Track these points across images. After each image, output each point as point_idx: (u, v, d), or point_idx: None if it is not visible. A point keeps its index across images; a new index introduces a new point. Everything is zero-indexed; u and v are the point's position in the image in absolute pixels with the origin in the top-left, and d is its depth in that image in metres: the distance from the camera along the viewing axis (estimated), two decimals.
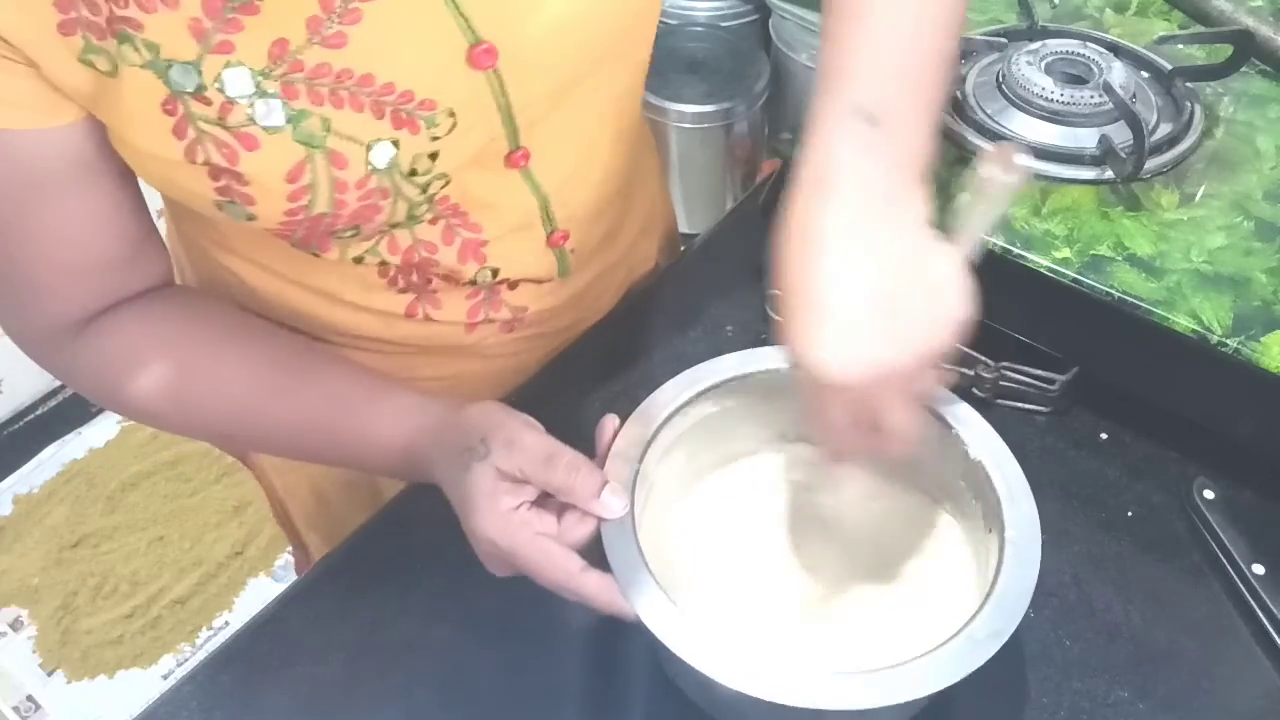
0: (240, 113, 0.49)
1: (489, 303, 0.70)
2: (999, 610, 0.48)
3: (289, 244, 0.61)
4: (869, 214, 0.47)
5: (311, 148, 0.52)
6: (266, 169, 0.52)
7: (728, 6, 1.99)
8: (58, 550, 1.78)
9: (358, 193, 0.55)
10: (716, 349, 0.60)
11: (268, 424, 0.62)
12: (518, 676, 0.60)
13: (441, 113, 0.54)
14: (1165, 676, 0.58)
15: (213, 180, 0.52)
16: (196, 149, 0.50)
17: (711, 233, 0.88)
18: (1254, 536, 0.62)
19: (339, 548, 0.69)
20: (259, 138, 0.50)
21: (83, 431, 1.98)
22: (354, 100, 0.52)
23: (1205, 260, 0.65)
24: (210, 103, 0.49)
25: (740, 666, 0.47)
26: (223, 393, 0.61)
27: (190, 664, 1.45)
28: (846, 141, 0.48)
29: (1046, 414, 0.71)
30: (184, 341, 0.62)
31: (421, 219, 0.61)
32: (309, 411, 0.61)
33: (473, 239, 0.64)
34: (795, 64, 1.88)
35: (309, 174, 0.53)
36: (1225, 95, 0.78)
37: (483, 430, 0.54)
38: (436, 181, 0.58)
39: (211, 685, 0.60)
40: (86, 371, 0.61)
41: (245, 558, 1.77)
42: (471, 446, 0.54)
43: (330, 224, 0.57)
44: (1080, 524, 0.65)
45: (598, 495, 0.52)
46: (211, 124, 0.50)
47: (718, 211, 1.79)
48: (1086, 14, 0.87)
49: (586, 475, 0.52)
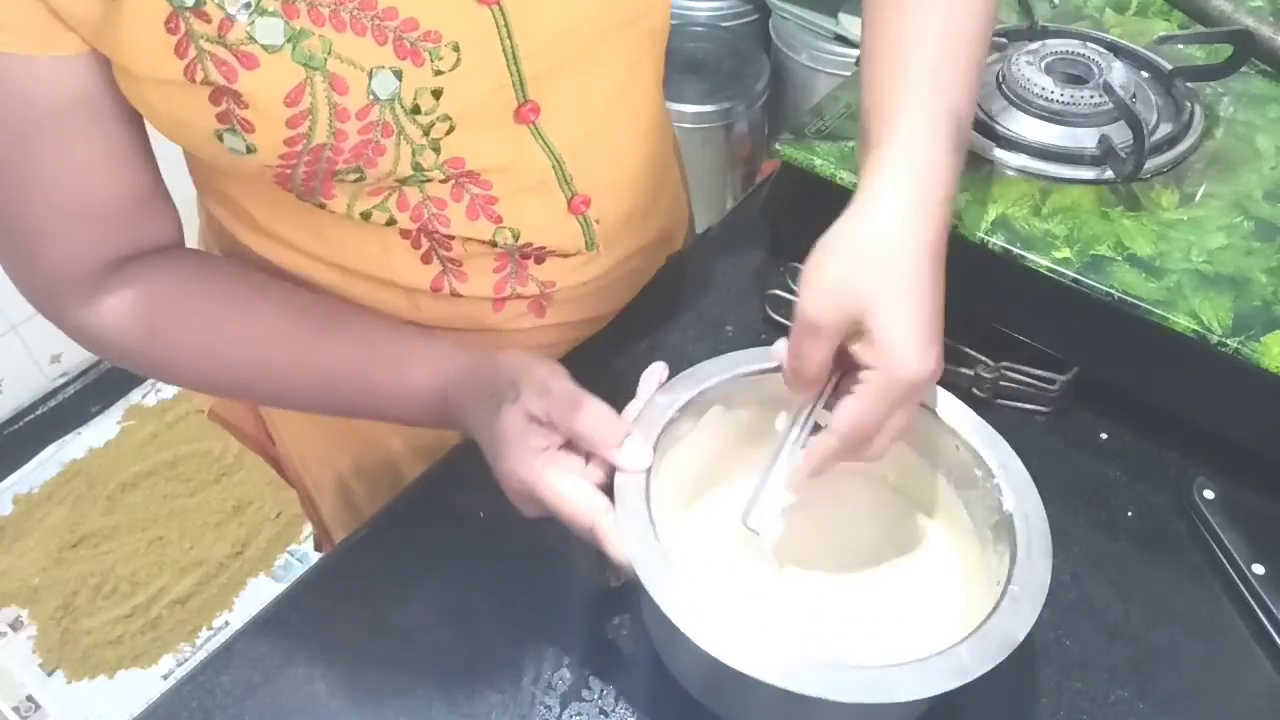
0: (240, 29, 0.49)
1: (515, 276, 0.70)
2: (1012, 615, 0.48)
3: (293, 194, 0.60)
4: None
5: (311, 69, 0.52)
6: (265, 89, 0.52)
7: (728, 6, 1.99)
8: (58, 550, 1.78)
9: (359, 123, 0.55)
10: (716, 349, 0.60)
11: (297, 374, 0.63)
12: (518, 675, 0.60)
13: (446, 46, 0.54)
14: (1165, 676, 0.58)
15: (213, 105, 0.52)
16: (196, 67, 0.50)
17: (711, 233, 0.88)
18: (1254, 536, 0.62)
19: (338, 548, 0.69)
20: (258, 56, 0.50)
21: (83, 431, 1.98)
22: (356, 23, 0.52)
23: (1205, 260, 0.65)
24: (210, 19, 0.49)
25: (750, 650, 0.46)
26: (254, 343, 0.62)
27: (190, 664, 1.45)
28: (943, 143, 0.55)
29: (1046, 414, 0.71)
30: (215, 293, 0.62)
31: (431, 177, 0.61)
32: (340, 359, 0.62)
33: (481, 194, 0.64)
34: (795, 64, 1.88)
35: (308, 97, 0.52)
36: (1225, 95, 0.78)
37: (514, 375, 0.56)
38: (440, 124, 0.57)
39: (211, 685, 0.60)
40: (105, 325, 0.61)
41: (245, 558, 1.77)
42: (502, 390, 0.56)
43: (331, 161, 0.56)
44: (1080, 524, 0.65)
45: (619, 445, 0.53)
46: (211, 41, 0.50)
47: (718, 211, 1.78)
48: (1086, 14, 0.87)
49: (610, 424, 0.54)
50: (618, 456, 0.53)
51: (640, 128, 0.70)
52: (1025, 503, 0.53)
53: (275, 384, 0.65)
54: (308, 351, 0.62)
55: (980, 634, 0.48)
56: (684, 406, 0.57)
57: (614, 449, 0.53)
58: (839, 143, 0.74)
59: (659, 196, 0.78)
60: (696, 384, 0.58)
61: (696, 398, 0.58)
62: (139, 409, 2.01)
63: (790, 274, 0.75)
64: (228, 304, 0.63)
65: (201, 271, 0.63)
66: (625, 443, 0.53)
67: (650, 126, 0.71)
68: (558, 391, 0.54)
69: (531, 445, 0.54)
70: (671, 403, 0.57)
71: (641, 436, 0.54)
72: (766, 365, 0.59)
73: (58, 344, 1.95)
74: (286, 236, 0.67)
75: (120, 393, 2.03)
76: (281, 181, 0.59)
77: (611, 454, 0.53)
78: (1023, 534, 0.51)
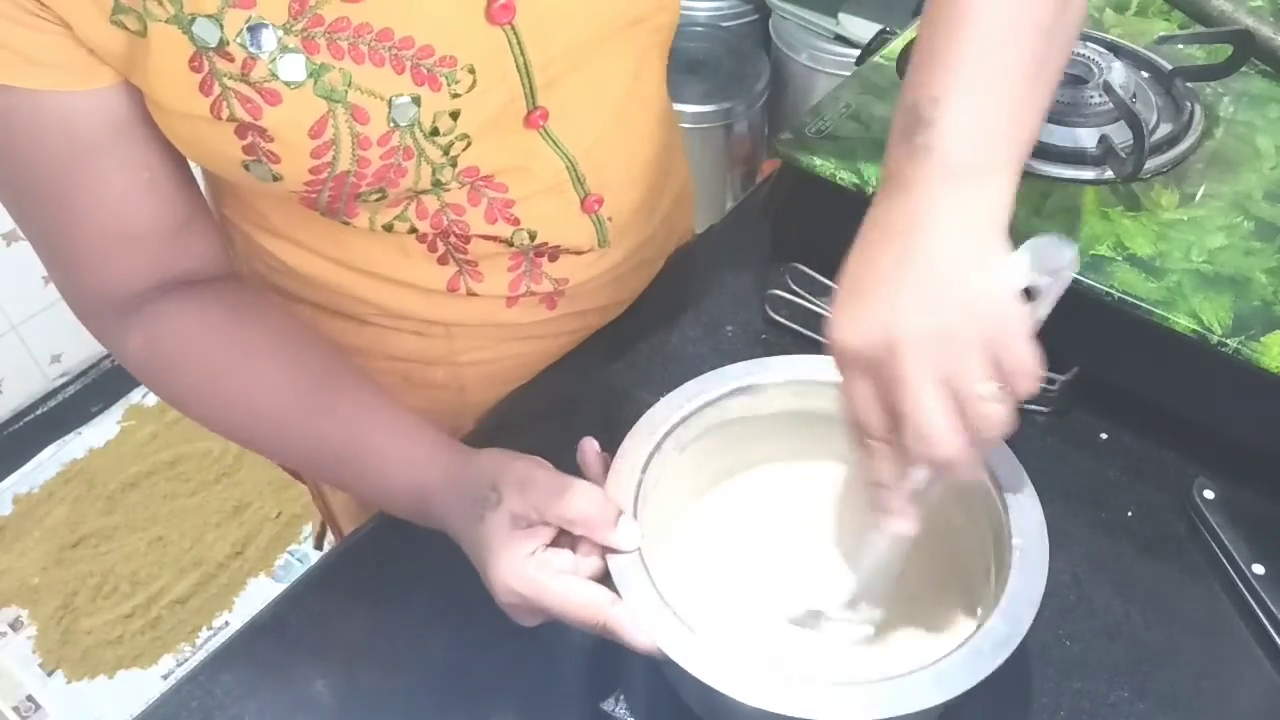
0: (262, 67, 0.50)
1: (530, 275, 0.71)
2: (1007, 618, 0.48)
3: (318, 212, 0.61)
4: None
5: (333, 102, 0.52)
6: (290, 123, 0.52)
7: (728, 6, 1.99)
8: (58, 550, 1.78)
9: (380, 149, 0.55)
10: (716, 349, 0.60)
11: (285, 447, 0.65)
12: (518, 676, 0.60)
13: (461, 69, 0.55)
14: (1165, 676, 0.58)
15: (239, 139, 0.53)
16: (222, 105, 0.51)
17: (711, 233, 0.88)
18: (1254, 536, 0.62)
19: (338, 548, 0.69)
20: (281, 92, 0.51)
21: (83, 431, 1.98)
22: (374, 55, 0.52)
23: (1205, 260, 0.65)
24: (233, 59, 0.50)
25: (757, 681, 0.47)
26: (246, 406, 0.62)
27: (190, 664, 1.45)
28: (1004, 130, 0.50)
29: (1046, 414, 0.71)
30: (221, 341, 0.62)
31: (449, 187, 0.61)
32: (325, 444, 0.61)
33: (498, 198, 0.64)
34: (795, 64, 1.88)
35: (331, 129, 0.53)
36: (1225, 95, 0.78)
37: (493, 477, 0.54)
38: (458, 143, 0.58)
39: (211, 685, 0.60)
40: (135, 355, 0.62)
41: (245, 558, 1.77)
42: (483, 495, 0.54)
43: (355, 185, 0.57)
44: (1080, 524, 0.65)
45: (614, 526, 0.52)
46: (235, 79, 0.50)
47: (718, 211, 1.78)
48: (1086, 14, 0.87)
49: (602, 506, 0.52)
50: (615, 539, 0.52)
51: (649, 121, 0.70)
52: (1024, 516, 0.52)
53: (264, 447, 0.65)
54: (296, 429, 0.61)
55: (967, 648, 0.48)
56: (686, 418, 0.58)
57: (609, 531, 0.52)
58: (839, 143, 0.74)
59: (666, 187, 0.78)
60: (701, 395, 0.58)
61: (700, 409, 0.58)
62: (139, 409, 2.01)
63: (790, 274, 0.75)
64: (228, 356, 0.62)
65: (216, 315, 0.62)
66: (619, 523, 0.52)
67: (658, 119, 0.71)
68: (541, 481, 0.53)
69: (520, 552, 0.52)
70: (673, 413, 0.57)
71: (629, 517, 0.53)
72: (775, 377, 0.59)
73: (58, 344, 1.95)
74: (301, 238, 0.67)
75: (120, 393, 2.03)
76: (307, 204, 0.60)
77: (607, 538, 0.52)
78: (1018, 546, 0.51)
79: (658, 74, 0.70)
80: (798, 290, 0.75)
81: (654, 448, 0.56)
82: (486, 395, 0.76)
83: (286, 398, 0.61)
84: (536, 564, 0.52)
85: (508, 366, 0.76)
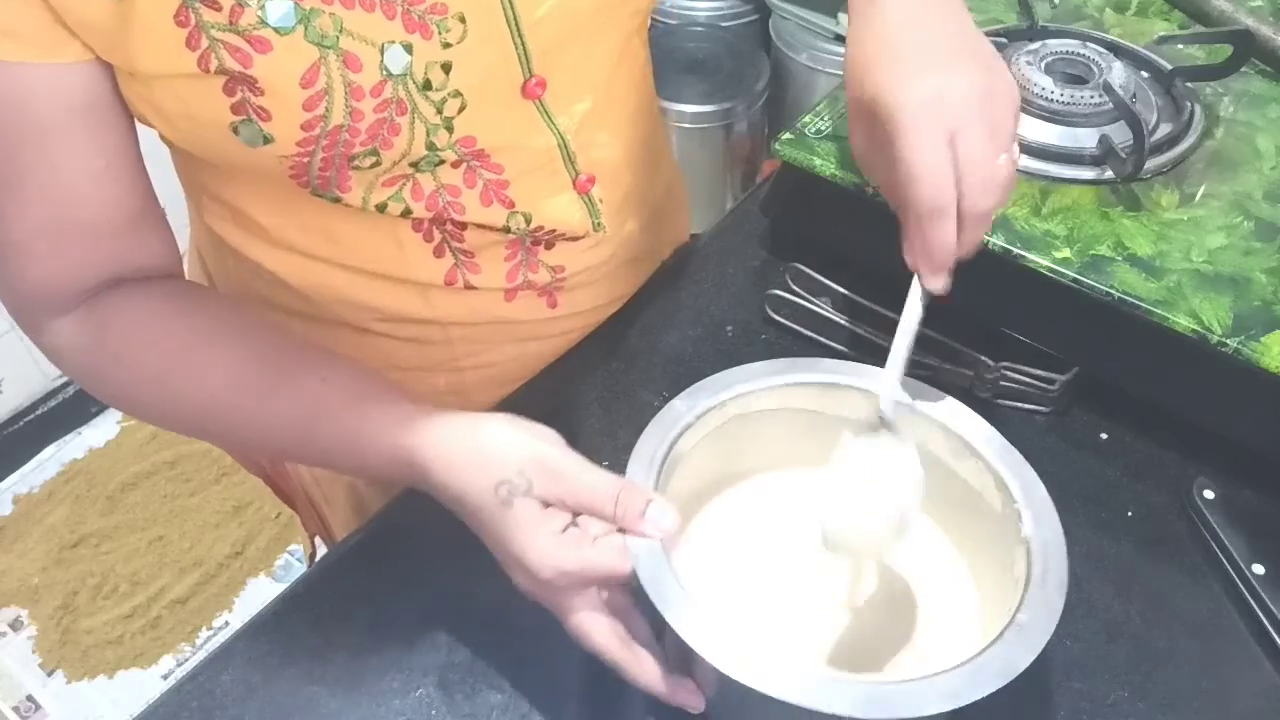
0: (250, 14, 0.50)
1: (527, 264, 0.71)
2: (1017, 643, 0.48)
3: (309, 190, 0.60)
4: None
5: (324, 48, 0.52)
6: (281, 72, 0.52)
7: (728, 6, 1.99)
8: (58, 550, 1.78)
9: (374, 101, 0.55)
10: (716, 349, 0.60)
11: (244, 423, 0.60)
12: (518, 675, 0.60)
13: (452, 17, 0.55)
14: (1165, 676, 0.58)
15: (228, 96, 0.52)
16: (209, 57, 0.50)
17: (711, 233, 0.88)
18: (1254, 536, 0.62)
19: (337, 548, 0.69)
20: (271, 39, 0.51)
21: (83, 431, 1.98)
22: (364, 0, 0.52)
23: (1205, 260, 0.65)
24: (220, 6, 0.49)
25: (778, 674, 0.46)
26: (205, 385, 0.59)
27: (190, 664, 1.45)
28: None
29: (1046, 414, 0.71)
30: (178, 328, 0.60)
31: (443, 157, 0.61)
32: (287, 417, 0.59)
33: (494, 179, 0.64)
34: (795, 64, 1.88)
35: (324, 77, 0.53)
36: (1225, 95, 0.78)
37: (519, 458, 0.53)
38: (452, 100, 0.58)
39: (211, 685, 0.60)
40: (75, 351, 0.60)
41: (245, 558, 1.77)
42: (507, 478, 0.52)
43: (348, 144, 0.56)
44: (1080, 524, 0.65)
45: (643, 514, 0.51)
46: (223, 29, 0.50)
47: (718, 211, 1.79)
48: (1086, 14, 0.87)
49: (632, 496, 0.52)
50: (647, 527, 0.51)
51: (635, 106, 0.71)
52: (1044, 530, 0.52)
53: (223, 428, 0.63)
54: (258, 403, 0.59)
55: (979, 661, 0.47)
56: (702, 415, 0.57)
57: (639, 520, 0.51)
58: (839, 143, 0.74)
59: (655, 177, 0.79)
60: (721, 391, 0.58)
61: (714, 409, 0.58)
62: None
63: (790, 274, 0.75)
64: (188, 339, 0.60)
65: (169, 304, 0.61)
66: (649, 510, 0.52)
67: (643, 107, 0.72)
68: (571, 473, 0.52)
69: (554, 527, 0.52)
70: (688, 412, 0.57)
71: (661, 500, 0.52)
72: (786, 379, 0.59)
73: None
74: (295, 241, 0.66)
75: None
76: (297, 174, 0.58)
77: (639, 526, 0.51)
78: (1039, 561, 0.51)
79: (641, 59, 0.71)
80: (798, 290, 0.75)
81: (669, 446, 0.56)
82: (488, 398, 0.76)
83: (253, 372, 0.59)
84: (573, 538, 0.51)
85: (508, 368, 0.76)
